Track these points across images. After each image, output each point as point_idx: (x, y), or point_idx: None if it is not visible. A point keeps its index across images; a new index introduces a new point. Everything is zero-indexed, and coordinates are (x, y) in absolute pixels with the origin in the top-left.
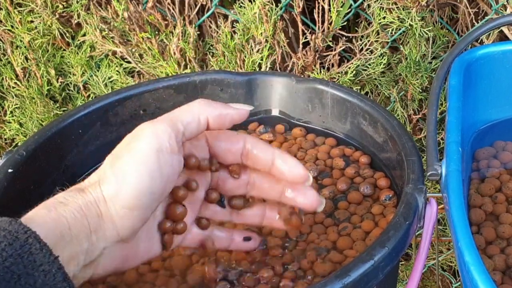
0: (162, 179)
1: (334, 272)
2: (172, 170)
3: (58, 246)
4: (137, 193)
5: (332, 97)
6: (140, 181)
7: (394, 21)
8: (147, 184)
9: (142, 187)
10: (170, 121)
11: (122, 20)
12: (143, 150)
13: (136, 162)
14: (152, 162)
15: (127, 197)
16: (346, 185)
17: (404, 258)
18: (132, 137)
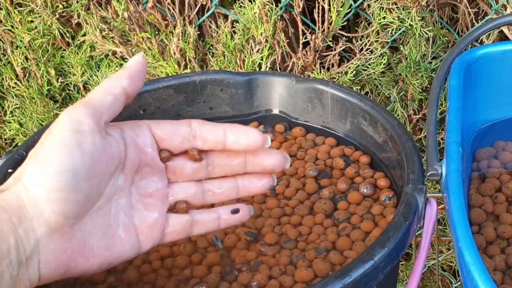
0: (84, 158)
1: (334, 272)
2: (94, 148)
3: None
4: (58, 173)
5: (332, 97)
6: (59, 162)
7: (394, 21)
8: (68, 164)
9: (63, 167)
10: (85, 102)
11: (122, 20)
12: (59, 132)
13: (53, 144)
14: (69, 141)
15: (49, 179)
16: (346, 185)
17: (404, 258)
18: (51, 125)
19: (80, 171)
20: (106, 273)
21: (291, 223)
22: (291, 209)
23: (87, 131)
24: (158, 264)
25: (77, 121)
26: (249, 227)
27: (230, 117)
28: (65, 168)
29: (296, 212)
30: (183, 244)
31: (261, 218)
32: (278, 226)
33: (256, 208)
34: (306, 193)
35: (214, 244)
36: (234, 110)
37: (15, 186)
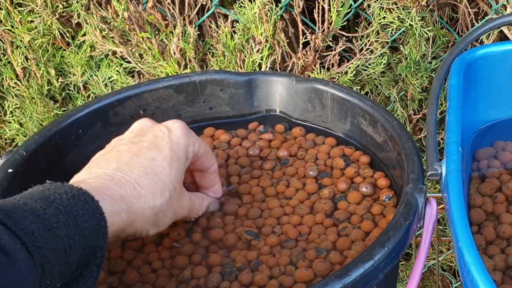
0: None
1: (334, 272)
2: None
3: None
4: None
5: (332, 97)
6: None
7: (394, 21)
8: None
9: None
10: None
11: (122, 20)
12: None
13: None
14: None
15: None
16: (346, 185)
17: (404, 258)
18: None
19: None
20: (106, 273)
21: (291, 223)
22: (291, 209)
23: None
24: (158, 264)
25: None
26: (249, 227)
27: (230, 117)
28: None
29: (296, 212)
30: (182, 244)
31: (260, 218)
32: (278, 226)
33: (256, 207)
34: (306, 193)
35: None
36: (234, 110)
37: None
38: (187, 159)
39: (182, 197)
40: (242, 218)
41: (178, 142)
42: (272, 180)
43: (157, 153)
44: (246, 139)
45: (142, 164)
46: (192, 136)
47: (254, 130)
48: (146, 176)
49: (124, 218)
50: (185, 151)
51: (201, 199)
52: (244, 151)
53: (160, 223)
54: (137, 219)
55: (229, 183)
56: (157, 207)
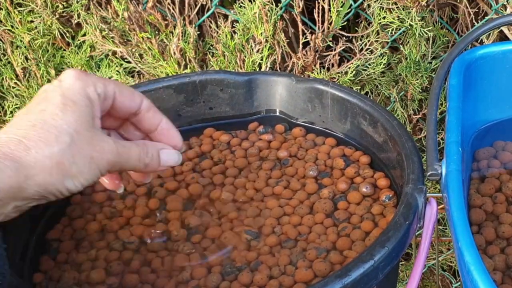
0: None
1: (334, 272)
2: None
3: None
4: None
5: (332, 97)
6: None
7: (394, 21)
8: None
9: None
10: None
11: (122, 20)
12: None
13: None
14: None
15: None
16: (346, 185)
17: (404, 258)
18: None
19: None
20: (105, 274)
21: (291, 223)
22: (291, 209)
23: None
24: (158, 263)
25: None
26: (249, 226)
27: (230, 117)
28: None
29: (296, 212)
30: (182, 244)
31: (260, 218)
32: (278, 226)
33: (255, 207)
34: (306, 193)
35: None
36: (234, 110)
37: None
38: (90, 101)
39: (97, 140)
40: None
41: (71, 87)
42: (271, 180)
43: (47, 104)
44: (246, 139)
45: (29, 118)
46: (91, 78)
47: (254, 130)
48: (34, 128)
49: (12, 174)
50: (83, 94)
51: (142, 144)
52: (244, 151)
53: (72, 172)
54: (34, 172)
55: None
56: (55, 154)
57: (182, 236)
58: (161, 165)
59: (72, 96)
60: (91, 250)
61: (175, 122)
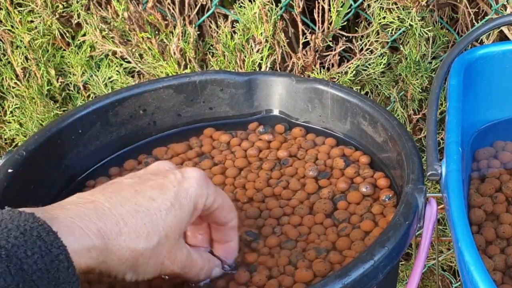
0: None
1: (333, 272)
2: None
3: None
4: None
5: (332, 97)
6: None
7: (394, 21)
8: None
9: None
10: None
11: (122, 20)
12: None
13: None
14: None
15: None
16: (346, 185)
17: (404, 258)
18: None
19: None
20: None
21: (291, 223)
22: (291, 209)
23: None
24: None
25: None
26: (249, 227)
27: (230, 117)
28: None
29: (296, 212)
30: None
31: (260, 219)
32: (278, 226)
33: (255, 207)
34: (306, 193)
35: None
36: (234, 110)
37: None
38: (194, 210)
39: (176, 249)
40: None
41: (188, 190)
42: (272, 181)
43: (159, 194)
44: (246, 139)
45: (137, 201)
46: (209, 188)
47: (254, 130)
48: (136, 214)
49: (95, 256)
50: (193, 201)
51: (207, 261)
52: (244, 151)
53: (139, 269)
54: (112, 258)
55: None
56: (138, 250)
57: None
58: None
59: (183, 200)
60: None
61: (175, 122)
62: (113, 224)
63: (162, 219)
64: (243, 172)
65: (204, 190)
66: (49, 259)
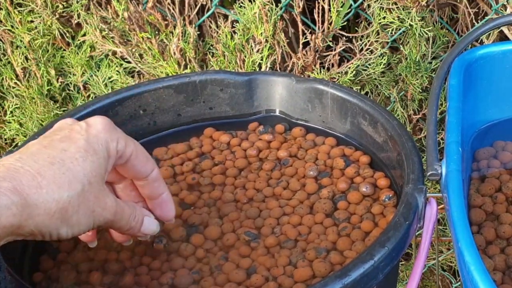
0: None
1: (334, 272)
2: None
3: None
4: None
5: (332, 97)
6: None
7: (394, 21)
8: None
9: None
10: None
11: (122, 20)
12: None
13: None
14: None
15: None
16: (346, 185)
17: (404, 258)
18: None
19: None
20: (102, 275)
21: (291, 223)
22: (291, 209)
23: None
24: (158, 264)
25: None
26: (249, 227)
27: (230, 117)
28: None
29: (296, 212)
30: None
31: (259, 219)
32: (278, 226)
33: (255, 207)
34: (306, 193)
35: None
36: (234, 110)
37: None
38: (109, 156)
39: (103, 195)
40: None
41: (97, 135)
42: (272, 181)
43: (70, 145)
44: (246, 139)
45: (49, 154)
46: (117, 133)
47: (254, 130)
48: (51, 166)
49: (16, 212)
50: (105, 146)
51: (132, 207)
52: (244, 151)
53: (71, 220)
54: (37, 212)
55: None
56: (63, 199)
57: (182, 236)
58: (140, 231)
59: (95, 145)
60: (90, 250)
61: (175, 122)
62: (30, 179)
63: (80, 166)
64: (243, 172)
65: (113, 135)
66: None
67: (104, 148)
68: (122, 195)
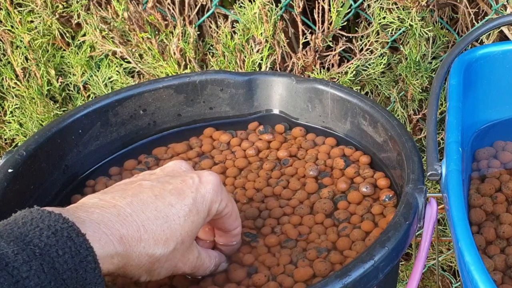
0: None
1: (334, 272)
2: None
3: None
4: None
5: (332, 97)
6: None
7: (394, 21)
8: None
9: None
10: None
11: (122, 20)
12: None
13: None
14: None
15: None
16: (346, 185)
17: (404, 258)
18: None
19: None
20: None
21: (291, 223)
22: (291, 209)
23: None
24: None
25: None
26: (249, 228)
27: (230, 117)
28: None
29: (296, 212)
30: None
31: (260, 219)
32: (278, 226)
33: (255, 208)
34: (306, 193)
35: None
36: (234, 110)
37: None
38: (208, 215)
39: (189, 253)
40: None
41: (204, 196)
42: (272, 180)
43: (178, 200)
44: (246, 139)
45: (157, 206)
46: (222, 193)
47: (254, 130)
48: (155, 220)
49: (116, 262)
50: (208, 207)
51: (213, 258)
52: (244, 151)
53: (154, 273)
54: (130, 264)
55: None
56: (155, 256)
57: None
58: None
59: (200, 205)
60: None
61: (175, 122)
62: (135, 230)
63: (180, 225)
64: (243, 172)
65: (219, 196)
66: (78, 259)
67: (206, 209)
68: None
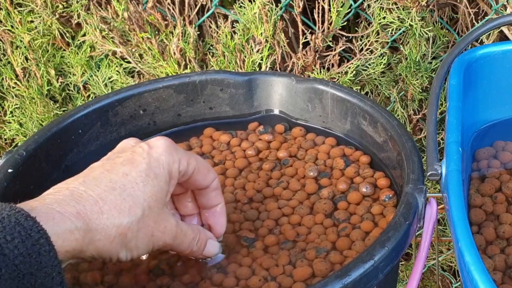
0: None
1: (334, 272)
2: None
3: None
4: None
5: (332, 97)
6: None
7: (394, 21)
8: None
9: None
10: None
11: (122, 20)
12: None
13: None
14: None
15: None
16: (346, 185)
17: (404, 258)
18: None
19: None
20: (100, 275)
21: (291, 223)
22: (291, 209)
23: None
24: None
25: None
26: (248, 230)
27: (230, 117)
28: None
29: (296, 212)
30: None
31: (258, 220)
32: (277, 227)
33: (254, 209)
34: (306, 193)
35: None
36: (234, 110)
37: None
38: (171, 178)
39: (162, 219)
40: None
41: (158, 159)
42: (272, 181)
43: (131, 168)
44: (246, 139)
45: (111, 178)
46: (179, 153)
47: (254, 130)
48: (113, 191)
49: (79, 237)
50: (167, 169)
51: (196, 230)
52: (244, 152)
53: (131, 245)
54: (97, 237)
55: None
56: (123, 225)
57: None
58: (202, 254)
59: (156, 169)
60: None
61: (175, 122)
62: (92, 204)
63: (141, 190)
64: (243, 172)
65: (174, 156)
66: (29, 243)
67: (165, 171)
68: (180, 207)
